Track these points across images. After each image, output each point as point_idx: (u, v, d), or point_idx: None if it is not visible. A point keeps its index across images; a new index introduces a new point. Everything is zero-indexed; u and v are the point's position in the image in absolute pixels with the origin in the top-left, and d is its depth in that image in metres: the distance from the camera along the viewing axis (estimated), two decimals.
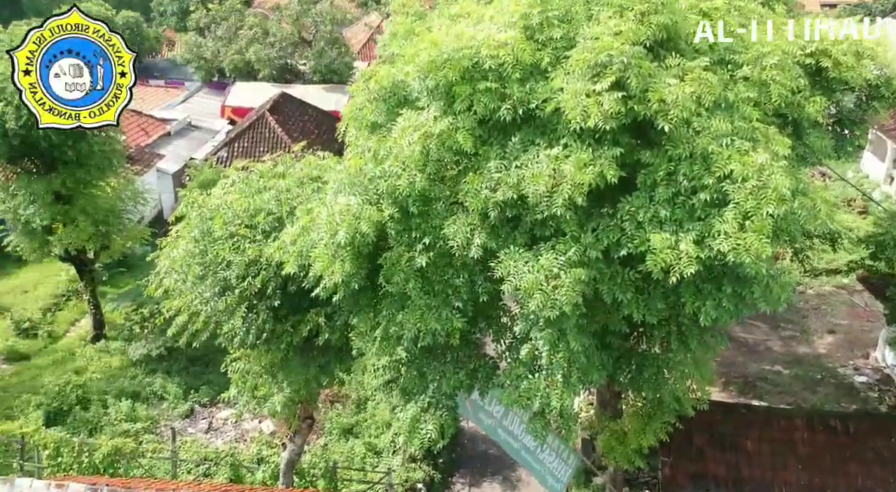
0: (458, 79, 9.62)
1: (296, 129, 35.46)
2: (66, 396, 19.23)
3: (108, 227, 21.87)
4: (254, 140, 33.56)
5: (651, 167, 9.45)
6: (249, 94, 41.42)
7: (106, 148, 20.88)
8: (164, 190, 34.32)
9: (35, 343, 23.20)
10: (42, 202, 20.42)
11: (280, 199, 11.90)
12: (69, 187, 20.64)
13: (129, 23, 44.33)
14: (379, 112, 10.74)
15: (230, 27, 44.35)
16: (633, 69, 9.19)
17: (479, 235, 9.49)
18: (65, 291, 26.05)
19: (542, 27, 10.10)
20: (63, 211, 20.92)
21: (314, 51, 42.95)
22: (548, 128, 9.83)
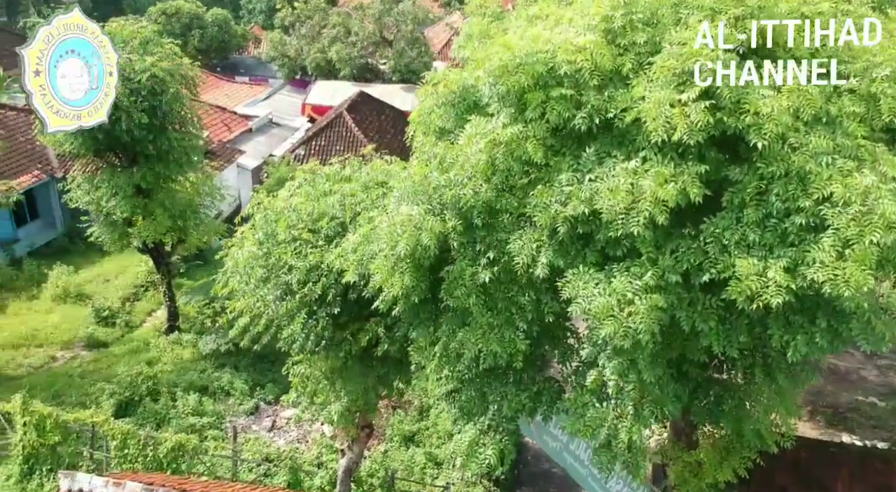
0: (530, 85, 9.04)
1: (372, 128, 35.50)
2: (137, 386, 19.62)
3: (185, 221, 22.24)
4: (331, 139, 33.77)
5: (740, 186, 8.62)
6: (329, 93, 41.84)
7: (185, 143, 21.21)
8: (243, 185, 34.96)
9: (113, 331, 23.87)
10: (123, 195, 20.93)
11: (344, 203, 11.60)
12: (149, 181, 21.07)
13: (217, 20, 45.42)
14: (447, 117, 10.26)
15: (314, 26, 44.92)
16: (724, 78, 8.41)
17: (545, 252, 8.89)
18: (143, 282, 26.74)
19: (625, 31, 9.40)
20: (143, 204, 21.39)
21: (395, 50, 43.02)
22: (626, 139, 9.13)
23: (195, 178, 23.13)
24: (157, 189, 21.52)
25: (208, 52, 45.97)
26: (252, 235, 11.94)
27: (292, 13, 45.98)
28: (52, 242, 29.50)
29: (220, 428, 19.01)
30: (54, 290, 25.26)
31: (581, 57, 8.94)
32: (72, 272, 26.08)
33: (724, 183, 8.98)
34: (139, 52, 20.39)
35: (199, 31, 44.28)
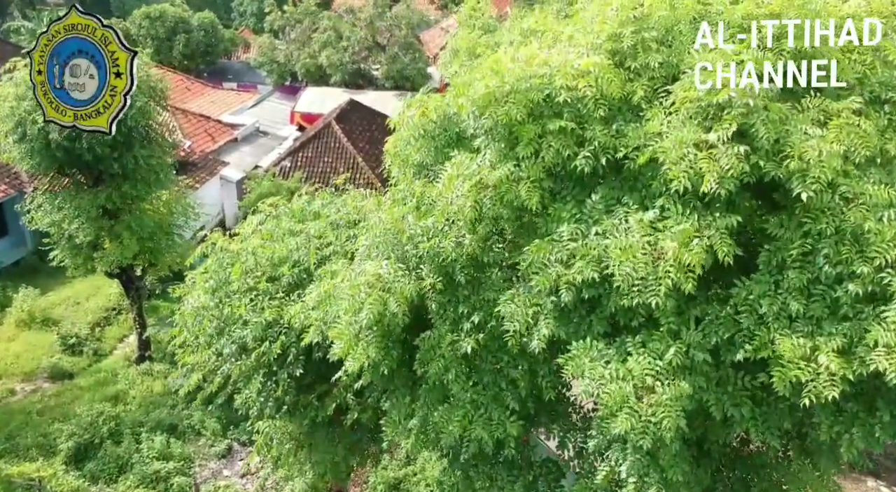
0: (522, 117, 7.48)
1: (362, 138, 33.94)
2: (98, 428, 18.01)
3: (156, 243, 20.62)
4: (318, 150, 32.21)
5: (778, 242, 7.07)
6: (319, 100, 40.28)
7: (154, 161, 19.58)
8: (227, 198, 33.34)
9: (80, 361, 22.25)
10: (87, 217, 19.31)
11: (310, 246, 10.02)
12: (115, 202, 19.45)
13: (203, 24, 43.85)
14: (426, 151, 8.69)
15: (304, 30, 43.39)
16: (759, 113, 6.85)
17: (544, 320, 7.33)
18: (116, 305, 25.12)
19: (636, 51, 7.85)
20: (109, 226, 19.79)
21: (388, 56, 41.47)
22: (639, 182, 7.58)
23: (168, 196, 21.51)
24: (124, 210, 19.90)
25: (194, 58, 44.37)
26: (203, 282, 10.37)
27: (282, 17, 44.41)
28: (20, 261, 27.84)
29: (188, 474, 17.41)
30: (19, 314, 23.63)
31: (584, 83, 7.39)
32: (38, 295, 24.46)
33: (759, 235, 7.44)
34: None
35: (184, 36, 42.66)
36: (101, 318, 24.49)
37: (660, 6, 7.92)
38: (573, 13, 11.58)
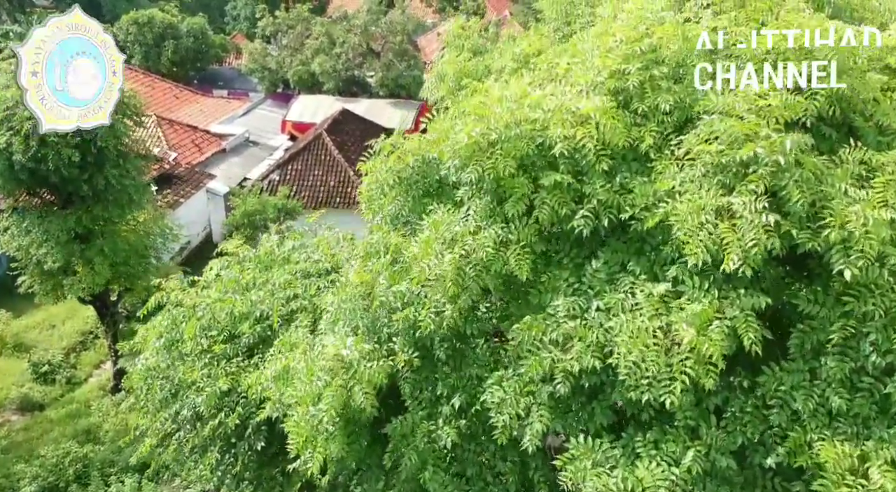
0: (512, 170, 6.37)
1: (355, 150, 32.75)
2: (63, 470, 16.86)
3: (130, 268, 19.48)
4: (308, 163, 31.03)
5: (813, 323, 5.95)
6: (312, 109, 39.12)
7: (127, 182, 18.43)
8: (214, 212, 32.18)
9: (52, 390, 21.11)
10: (56, 241, 18.17)
11: (274, 300, 8.89)
12: (85, 226, 18.31)
13: (193, 30, 42.66)
14: (402, 201, 7.56)
15: (297, 36, 42.19)
16: (791, 171, 5.73)
17: (537, 412, 6.21)
18: (93, 328, 23.96)
19: (644, 91, 6.74)
20: (80, 251, 18.64)
21: (382, 63, 40.31)
22: (647, 244, 6.48)
23: (145, 217, 20.36)
24: (96, 233, 18.76)
25: (183, 64, 43.16)
26: (153, 340, 9.26)
27: (273, 22, 43.22)
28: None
29: None
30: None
31: (583, 132, 6.27)
32: (11, 318, 23.32)
33: (788, 309, 6.33)
34: None
35: (172, 42, 41.46)
36: (77, 342, 23.35)
37: (671, 38, 6.82)
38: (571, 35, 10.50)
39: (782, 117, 6.11)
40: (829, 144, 6.71)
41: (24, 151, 16.58)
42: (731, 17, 7.40)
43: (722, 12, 7.72)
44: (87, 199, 18.22)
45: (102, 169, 17.89)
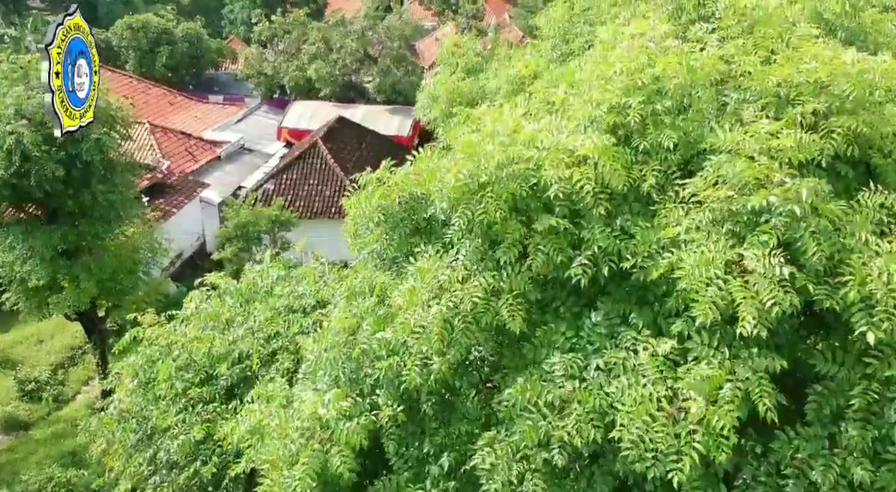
0: (503, 214, 5.89)
1: (350, 158, 32.33)
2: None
3: (118, 284, 18.98)
4: (303, 172, 30.56)
5: (832, 385, 5.48)
6: (308, 115, 38.64)
7: (113, 197, 17.95)
8: (208, 221, 31.68)
9: (38, 409, 20.63)
10: (41, 258, 17.67)
11: (254, 339, 8.41)
12: (71, 242, 17.82)
13: (188, 35, 42.19)
14: (387, 239, 7.08)
15: (293, 41, 41.69)
16: (807, 221, 5.25)
17: (531, 480, 5.72)
18: (82, 342, 23.47)
19: (645, 127, 6.26)
20: (66, 267, 18.14)
21: (379, 68, 39.80)
22: (650, 293, 6.00)
23: (133, 231, 19.87)
24: (82, 249, 18.28)
25: (178, 70, 42.66)
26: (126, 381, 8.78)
27: (269, 27, 42.73)
28: None
29: None
30: None
31: (580, 174, 5.79)
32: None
33: (802, 366, 5.85)
34: None
35: (167, 48, 40.98)
36: (66, 358, 22.87)
37: (675, 69, 6.34)
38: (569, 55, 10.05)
39: (795, 158, 5.65)
40: (846, 183, 6.24)
41: (6, 167, 16.12)
42: (738, 45, 6.94)
43: (728, 38, 7.28)
44: (73, 214, 17.75)
45: (88, 184, 17.42)
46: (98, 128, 17.25)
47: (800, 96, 6.08)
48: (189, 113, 39.28)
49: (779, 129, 5.86)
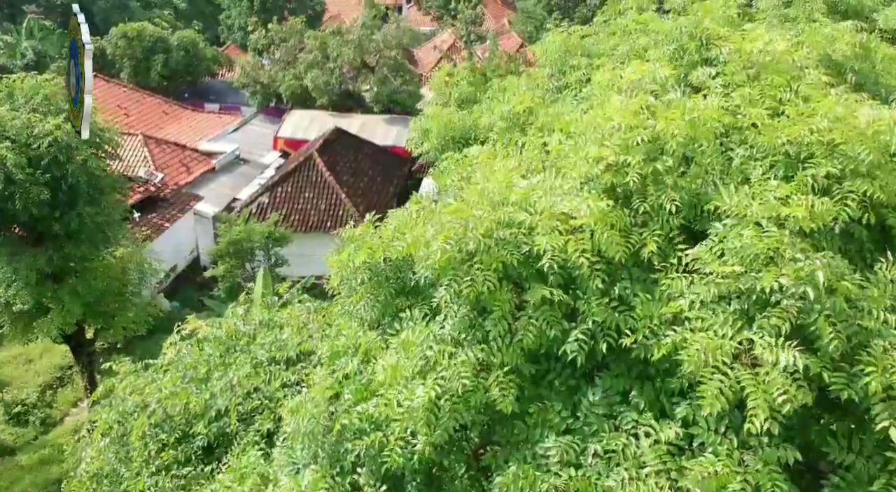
0: (492, 285, 5.48)
1: (346, 170, 31.95)
2: None
3: (105, 307, 18.59)
4: (299, 185, 30.14)
5: (849, 475, 5.06)
6: (305, 124, 38.25)
7: (100, 219, 17.55)
8: (202, 234, 31.26)
9: (25, 432, 20.23)
10: (26, 282, 17.27)
11: (233, 395, 7.99)
12: (56, 265, 17.43)
13: (184, 43, 41.76)
14: (371, 302, 6.66)
15: (290, 50, 41.26)
16: (822, 303, 4.85)
17: None
18: (72, 362, 23.03)
19: (646, 187, 5.85)
20: (52, 290, 17.75)
21: (377, 77, 39.39)
22: (651, 367, 5.59)
23: (122, 251, 19.47)
24: (68, 273, 17.88)
25: (174, 78, 42.23)
26: (98, 438, 8.37)
27: (266, 36, 42.28)
28: None
29: None
30: None
31: (575, 244, 5.37)
32: None
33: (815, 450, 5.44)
34: (41, 112, 16.74)
35: (162, 56, 40.56)
36: (55, 379, 22.46)
37: (677, 125, 5.93)
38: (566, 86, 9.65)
39: (807, 226, 5.25)
40: (859, 244, 5.86)
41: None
42: (743, 95, 6.54)
43: (733, 85, 6.88)
44: (59, 237, 17.35)
45: (75, 206, 17.03)
46: (85, 149, 16.84)
47: (811, 157, 5.68)
48: (184, 123, 38.87)
49: (789, 193, 5.46)
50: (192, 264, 31.07)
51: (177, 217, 29.06)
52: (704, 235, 5.88)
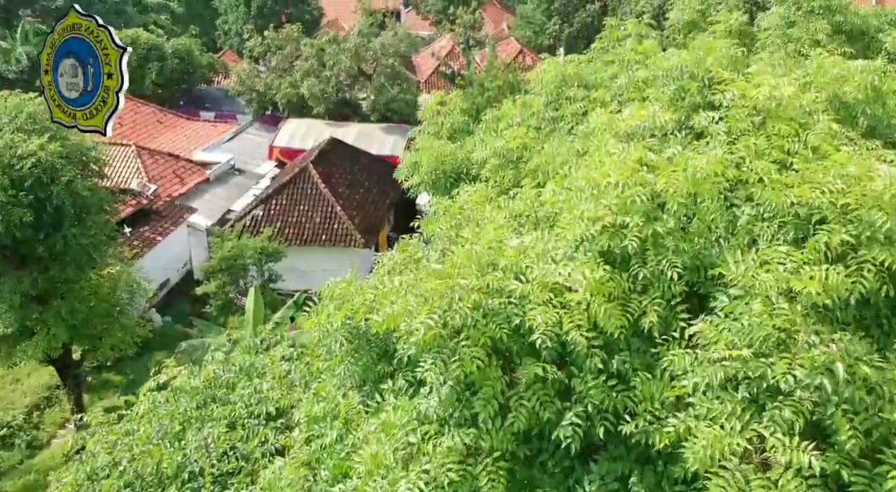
0: (481, 362, 5.06)
1: (342, 182, 31.49)
2: None
3: (92, 329, 18.15)
4: (293, 197, 29.65)
5: None
6: (301, 133, 37.79)
7: (85, 241, 17.09)
8: (195, 247, 30.80)
9: (10, 456, 19.75)
10: (10, 305, 16.83)
11: (208, 454, 7.56)
12: (41, 288, 16.99)
13: (178, 51, 41.33)
14: (353, 366, 6.24)
15: (286, 57, 40.82)
16: (840, 393, 4.43)
17: None
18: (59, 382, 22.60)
19: (645, 251, 5.43)
20: (37, 312, 17.31)
21: (374, 86, 38.95)
22: (650, 448, 5.16)
23: (109, 272, 19.02)
24: (54, 295, 17.44)
25: (168, 86, 41.79)
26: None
27: (261, 43, 41.84)
28: None
29: None
30: None
31: (569, 321, 4.95)
32: None
33: None
34: (26, 131, 16.31)
35: (157, 64, 40.12)
36: (42, 399, 21.96)
37: (678, 184, 5.51)
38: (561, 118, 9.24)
39: (821, 301, 4.83)
40: (876, 311, 5.44)
41: None
42: (749, 145, 6.12)
43: (737, 133, 6.45)
44: (44, 259, 16.92)
45: (60, 228, 16.59)
46: (70, 170, 16.42)
47: (823, 221, 5.26)
48: (178, 132, 38.42)
49: (801, 262, 5.04)
50: (186, 278, 30.63)
51: (169, 230, 28.61)
52: (708, 299, 5.49)
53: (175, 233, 29.32)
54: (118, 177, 29.74)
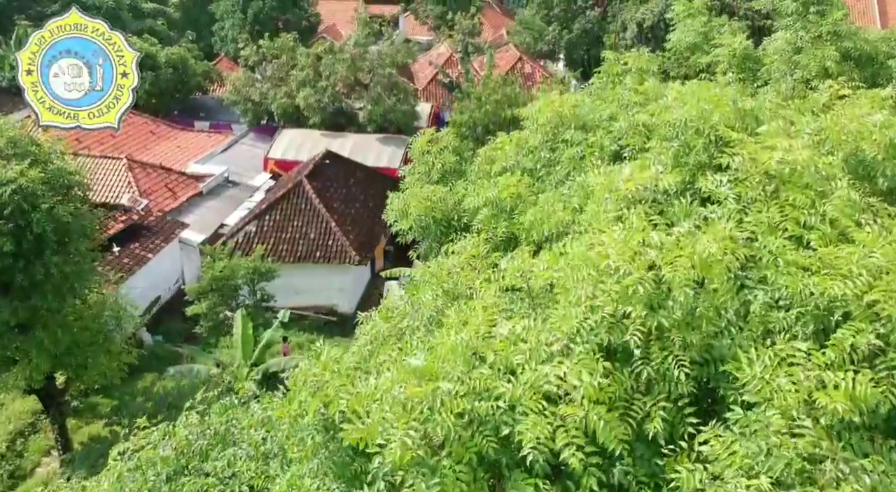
0: (465, 485, 4.51)
1: (337, 197, 30.95)
2: None
3: (75, 359, 17.59)
4: (287, 213, 29.07)
5: None
6: (296, 144, 37.24)
7: (68, 269, 16.54)
8: (187, 264, 30.24)
9: None
10: None
11: None
12: (23, 317, 16.43)
13: (172, 60, 40.78)
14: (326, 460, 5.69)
15: (281, 66, 40.28)
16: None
17: None
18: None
19: (648, 348, 4.90)
20: (19, 341, 16.75)
21: (370, 96, 38.43)
22: None
23: (94, 298, 18.45)
24: (35, 324, 16.87)
25: (162, 96, 41.21)
26: None
27: (257, 52, 41.29)
28: None
29: None
30: None
31: (564, 438, 4.41)
32: None
33: None
34: (6, 156, 15.77)
35: (150, 73, 39.52)
36: (27, 425, 21.39)
37: (685, 271, 4.97)
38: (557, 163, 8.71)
39: (847, 415, 4.30)
40: None
41: None
42: (761, 220, 5.58)
43: (748, 201, 5.92)
44: (25, 288, 16.36)
45: (41, 256, 16.03)
46: (50, 197, 15.87)
47: (848, 317, 4.73)
48: (171, 143, 37.87)
49: (824, 364, 4.51)
50: (178, 295, 30.05)
51: (161, 247, 28.00)
52: (719, 398, 4.96)
53: (167, 249, 28.74)
54: (108, 192, 29.20)
